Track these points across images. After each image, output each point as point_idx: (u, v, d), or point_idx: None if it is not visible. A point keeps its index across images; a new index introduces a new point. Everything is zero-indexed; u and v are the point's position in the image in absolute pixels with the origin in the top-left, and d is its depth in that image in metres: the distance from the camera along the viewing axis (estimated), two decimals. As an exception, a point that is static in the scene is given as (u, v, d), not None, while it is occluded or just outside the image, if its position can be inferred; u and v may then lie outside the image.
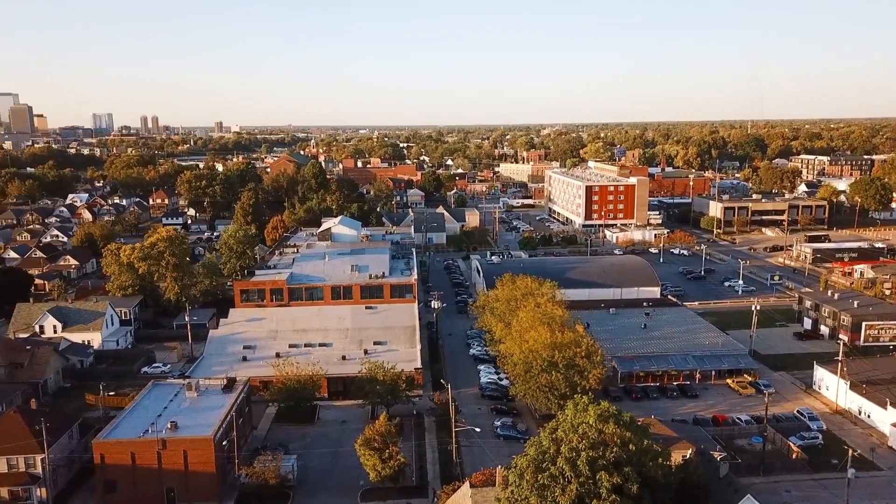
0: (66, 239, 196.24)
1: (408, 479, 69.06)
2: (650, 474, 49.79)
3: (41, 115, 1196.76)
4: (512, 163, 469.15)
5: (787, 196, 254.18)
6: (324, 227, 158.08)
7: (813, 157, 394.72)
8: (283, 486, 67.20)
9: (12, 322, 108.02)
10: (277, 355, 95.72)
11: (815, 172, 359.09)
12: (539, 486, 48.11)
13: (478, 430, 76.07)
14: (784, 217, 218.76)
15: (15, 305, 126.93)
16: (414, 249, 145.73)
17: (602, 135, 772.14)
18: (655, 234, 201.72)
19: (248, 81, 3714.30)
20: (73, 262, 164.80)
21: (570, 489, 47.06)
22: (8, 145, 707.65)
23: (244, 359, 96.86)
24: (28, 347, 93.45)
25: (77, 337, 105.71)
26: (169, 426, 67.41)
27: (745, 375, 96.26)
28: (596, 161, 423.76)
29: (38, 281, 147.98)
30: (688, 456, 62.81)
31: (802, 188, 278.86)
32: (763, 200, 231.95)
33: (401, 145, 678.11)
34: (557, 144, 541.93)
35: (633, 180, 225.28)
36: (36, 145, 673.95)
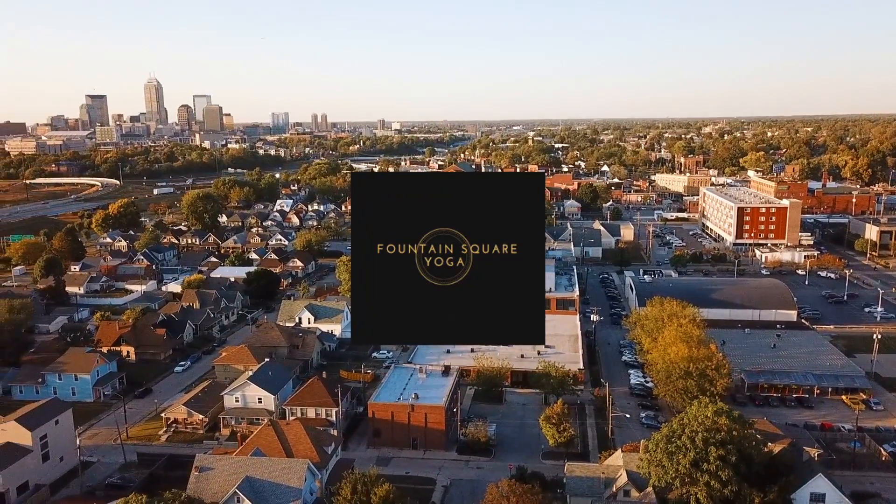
0: (286, 242, 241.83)
1: (575, 447, 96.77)
2: (747, 452, 73.94)
3: (228, 115, 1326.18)
4: (667, 171, 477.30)
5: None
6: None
7: None
8: (488, 443, 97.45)
9: (279, 314, 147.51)
10: (472, 350, 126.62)
11: None
12: (668, 452, 73.99)
13: (627, 416, 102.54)
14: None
15: (269, 300, 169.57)
16: (574, 267, 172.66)
17: (768, 134, 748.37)
18: (805, 256, 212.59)
19: (406, 78, 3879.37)
20: (299, 263, 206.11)
21: (689, 455, 72.62)
22: (206, 144, 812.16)
23: (448, 351, 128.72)
24: (300, 335, 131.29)
25: (325, 327, 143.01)
26: (413, 396, 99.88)
27: (861, 393, 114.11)
28: (756, 171, 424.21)
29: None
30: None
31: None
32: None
33: (555, 147, 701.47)
34: (717, 151, 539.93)
35: (785, 203, 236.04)
36: (230, 146, 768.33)
